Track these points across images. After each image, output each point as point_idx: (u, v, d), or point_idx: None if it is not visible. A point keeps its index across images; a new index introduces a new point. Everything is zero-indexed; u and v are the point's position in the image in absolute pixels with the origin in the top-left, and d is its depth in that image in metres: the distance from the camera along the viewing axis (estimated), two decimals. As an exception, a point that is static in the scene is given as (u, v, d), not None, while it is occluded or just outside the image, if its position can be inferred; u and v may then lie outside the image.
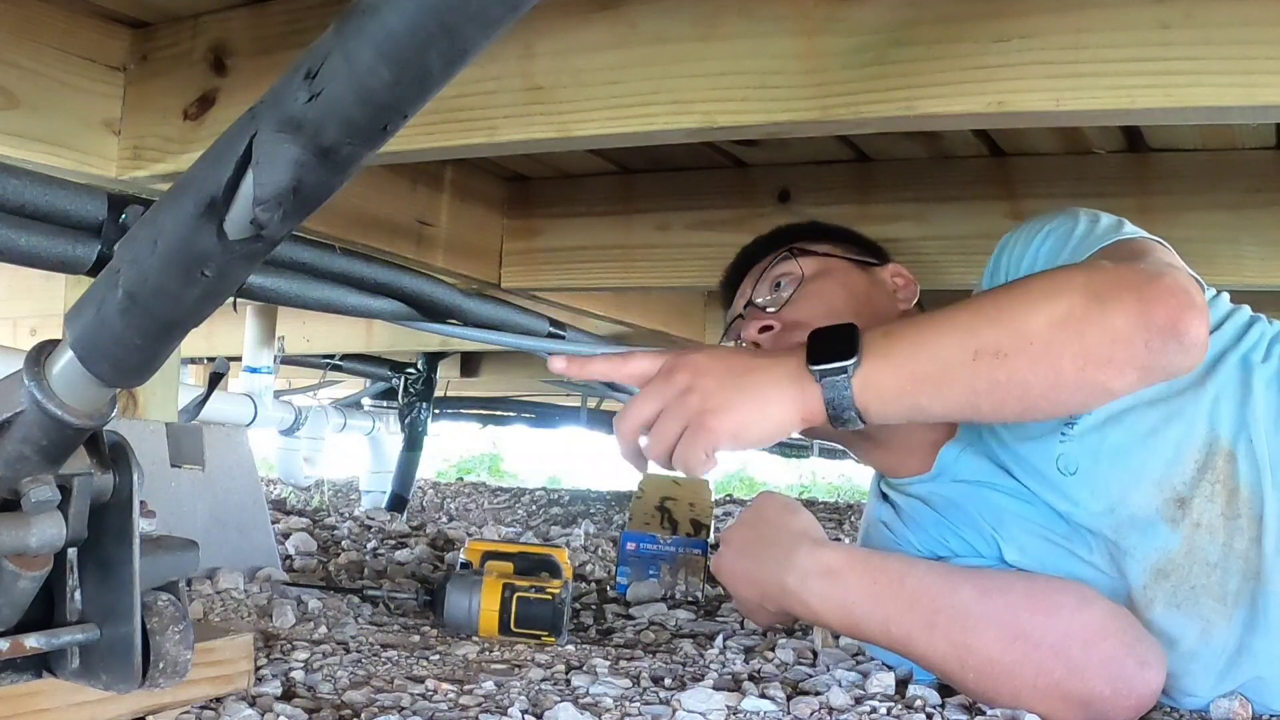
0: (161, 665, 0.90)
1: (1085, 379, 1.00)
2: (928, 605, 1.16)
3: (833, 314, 1.27)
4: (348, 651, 1.37)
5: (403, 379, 4.00)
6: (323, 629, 1.49)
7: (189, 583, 1.66)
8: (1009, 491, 1.25)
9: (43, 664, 0.92)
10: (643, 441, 1.08)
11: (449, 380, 4.54)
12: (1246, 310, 1.24)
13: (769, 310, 1.38)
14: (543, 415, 5.81)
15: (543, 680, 1.27)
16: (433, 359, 4.01)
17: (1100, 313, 0.99)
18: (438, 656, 1.39)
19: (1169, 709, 1.19)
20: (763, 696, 1.17)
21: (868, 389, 1.02)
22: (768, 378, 1.04)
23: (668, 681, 1.28)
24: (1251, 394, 1.15)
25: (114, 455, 0.89)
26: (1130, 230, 1.19)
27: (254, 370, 3.29)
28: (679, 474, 1.10)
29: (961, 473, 1.30)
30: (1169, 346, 0.99)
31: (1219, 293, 1.24)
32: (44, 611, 0.90)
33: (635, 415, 1.07)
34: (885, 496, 1.40)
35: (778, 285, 1.39)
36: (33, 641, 0.87)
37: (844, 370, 1.01)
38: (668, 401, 1.05)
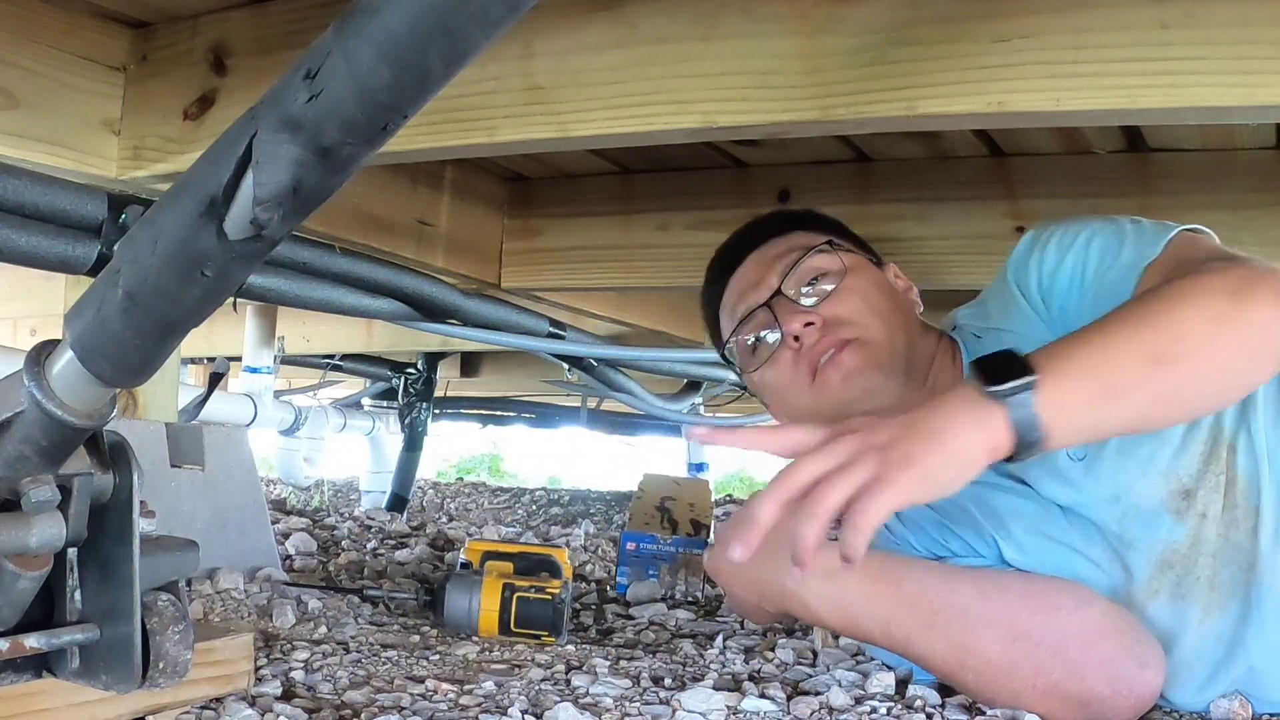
0: (161, 665, 0.90)
1: (1242, 375, 1.03)
2: (926, 605, 1.16)
3: (874, 312, 1.28)
4: (348, 651, 1.37)
5: (403, 379, 4.00)
6: (323, 629, 1.49)
7: (189, 583, 1.66)
8: (1007, 489, 1.25)
9: (43, 664, 0.92)
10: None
11: (449, 380, 4.53)
12: None
13: (808, 304, 1.31)
14: (543, 415, 5.81)
15: (543, 680, 1.27)
16: (433, 359, 4.01)
17: (1244, 310, 1.00)
18: (438, 656, 1.39)
19: (1169, 710, 1.19)
20: (763, 696, 1.17)
21: (1051, 404, 0.95)
22: (944, 414, 0.96)
23: (668, 681, 1.28)
24: None
25: (114, 455, 0.89)
26: (1169, 225, 1.18)
27: (254, 370, 3.29)
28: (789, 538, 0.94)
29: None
30: None
31: None
32: (44, 611, 0.90)
33: (801, 475, 0.94)
34: None
35: (814, 280, 1.32)
36: (33, 641, 0.87)
37: (1028, 387, 0.95)
38: (841, 460, 0.94)
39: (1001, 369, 0.97)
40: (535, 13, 0.61)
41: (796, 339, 1.29)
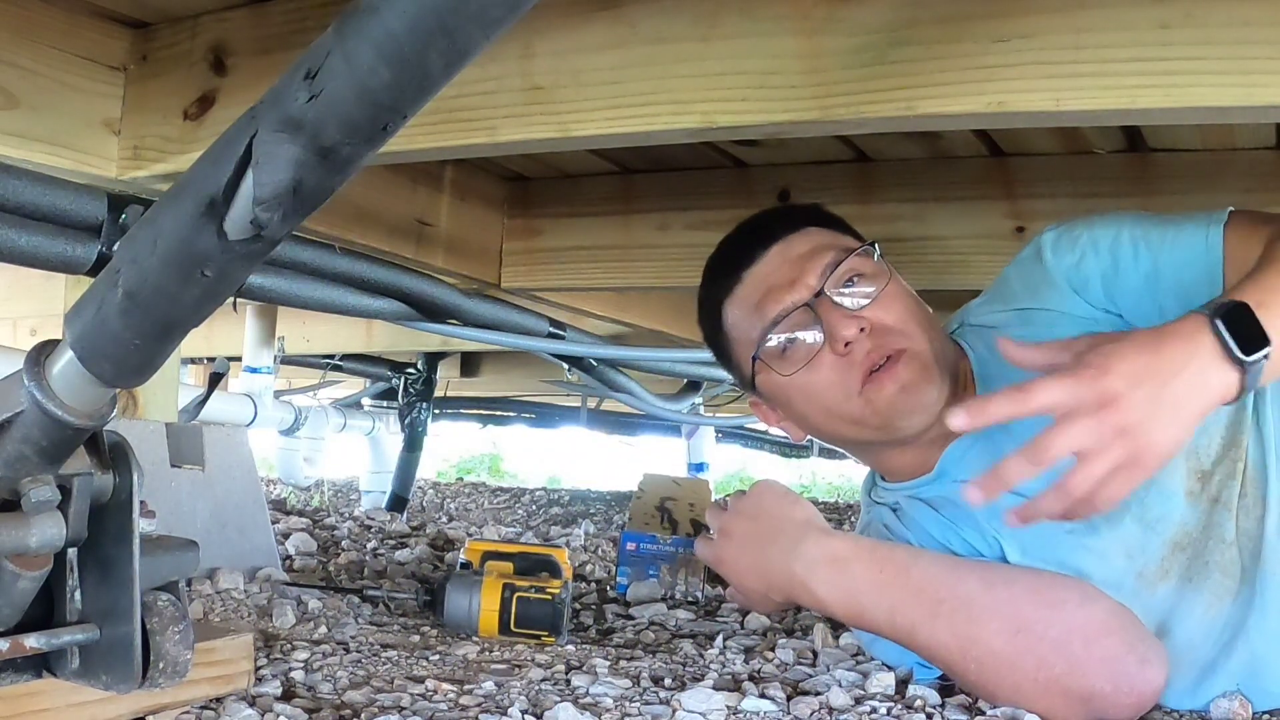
0: (161, 665, 0.90)
1: None
2: (932, 595, 1.17)
3: (915, 320, 1.26)
4: (348, 651, 1.37)
5: (403, 379, 4.00)
6: (323, 629, 1.49)
7: (189, 583, 1.66)
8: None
9: (43, 664, 0.92)
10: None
11: (449, 380, 4.54)
12: None
13: (853, 308, 1.26)
14: (543, 415, 5.81)
15: (543, 680, 1.27)
16: (433, 359, 4.01)
17: None
18: (438, 656, 1.39)
19: (1169, 709, 1.19)
20: (763, 696, 1.17)
21: (1270, 370, 0.97)
22: (1191, 382, 0.96)
23: (668, 681, 1.28)
24: None
25: (114, 455, 0.89)
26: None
27: (254, 370, 3.29)
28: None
29: (963, 473, 1.29)
30: None
31: None
32: (44, 611, 0.90)
33: (1060, 447, 0.96)
34: (879, 502, 1.39)
35: (850, 281, 1.27)
36: (33, 641, 0.87)
37: (1267, 357, 0.96)
38: (1098, 438, 0.95)
39: (1253, 332, 0.96)
40: (535, 13, 0.61)
41: (847, 345, 1.23)
